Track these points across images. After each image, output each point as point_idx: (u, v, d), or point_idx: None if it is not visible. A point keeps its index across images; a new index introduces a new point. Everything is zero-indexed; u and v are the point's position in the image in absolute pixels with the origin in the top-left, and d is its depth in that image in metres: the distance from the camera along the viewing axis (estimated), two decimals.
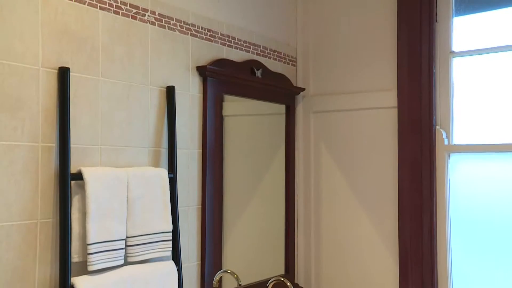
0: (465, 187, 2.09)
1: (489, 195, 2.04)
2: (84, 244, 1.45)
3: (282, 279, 2.07)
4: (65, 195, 1.42)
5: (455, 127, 2.10)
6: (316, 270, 2.39)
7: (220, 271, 2.00)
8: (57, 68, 1.44)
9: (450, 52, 2.10)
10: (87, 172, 1.46)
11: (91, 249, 1.43)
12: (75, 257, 1.44)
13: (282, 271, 2.33)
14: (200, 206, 1.91)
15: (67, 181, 1.42)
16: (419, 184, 2.11)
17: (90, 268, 1.43)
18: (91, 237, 1.43)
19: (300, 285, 2.40)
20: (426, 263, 2.10)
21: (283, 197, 2.36)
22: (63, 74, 1.44)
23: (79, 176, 1.45)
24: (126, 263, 1.56)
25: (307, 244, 2.41)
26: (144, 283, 1.56)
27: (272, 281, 2.09)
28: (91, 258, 1.43)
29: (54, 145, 1.44)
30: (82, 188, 1.46)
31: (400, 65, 2.15)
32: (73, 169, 1.46)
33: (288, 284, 2.04)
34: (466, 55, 2.09)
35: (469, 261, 2.09)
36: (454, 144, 2.10)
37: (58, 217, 1.43)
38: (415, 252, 2.11)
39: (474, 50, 2.07)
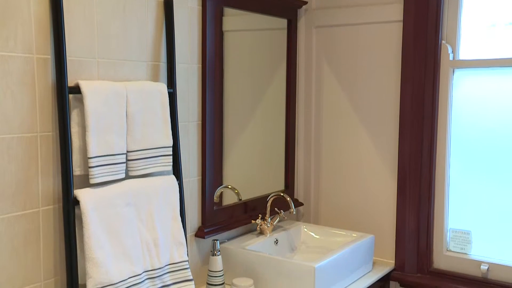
0: (468, 104, 2.07)
1: (491, 113, 2.03)
2: (85, 158, 1.45)
3: (282, 194, 2.11)
4: (64, 109, 1.40)
5: (462, 42, 2.05)
6: (315, 187, 2.43)
7: (220, 187, 2.03)
8: None
9: None
10: (85, 86, 1.43)
11: (92, 162, 1.44)
12: (76, 170, 1.45)
13: (282, 187, 2.37)
14: (200, 122, 1.90)
15: (64, 94, 1.40)
16: (421, 101, 2.09)
17: (92, 181, 1.44)
18: (92, 151, 1.43)
19: (300, 200, 2.45)
20: (424, 180, 2.13)
21: (284, 114, 2.35)
22: None
23: (76, 90, 1.43)
24: (128, 177, 1.58)
25: (307, 161, 2.43)
26: (146, 196, 1.58)
27: (272, 196, 2.14)
28: (93, 171, 1.44)
29: (49, 57, 1.40)
30: (81, 101, 1.44)
31: None
32: (71, 82, 1.43)
33: (288, 199, 2.08)
34: None
35: (466, 178, 2.11)
36: (460, 60, 2.05)
37: (58, 131, 1.42)
38: (414, 168, 2.13)
39: None
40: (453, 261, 2.11)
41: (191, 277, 1.67)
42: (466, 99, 2.07)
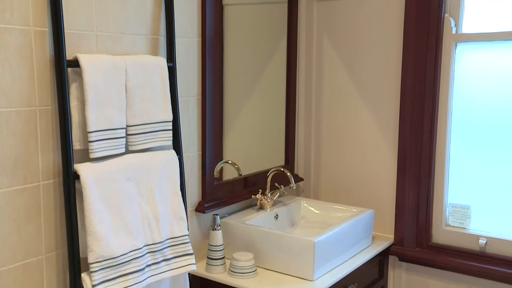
0: (470, 79, 2.05)
1: (493, 88, 2.01)
2: (85, 132, 1.45)
3: (282, 169, 2.12)
4: (62, 82, 1.39)
5: (465, 15, 2.02)
6: (315, 162, 2.43)
7: (220, 162, 2.03)
8: None
9: None
10: (83, 59, 1.41)
11: (92, 137, 1.43)
12: (76, 145, 1.45)
13: (282, 162, 2.37)
14: (200, 97, 1.89)
15: (63, 67, 1.39)
16: (422, 76, 2.07)
17: (92, 156, 1.44)
18: (91, 125, 1.43)
19: (300, 176, 2.45)
20: (425, 155, 2.13)
21: (284, 89, 2.34)
22: None
23: (75, 63, 1.41)
24: (128, 151, 1.57)
25: (307, 136, 2.43)
26: (146, 170, 1.58)
27: (272, 172, 2.14)
28: (92, 145, 1.43)
29: (47, 29, 1.38)
30: (79, 75, 1.43)
31: None
32: (69, 55, 1.42)
33: (288, 174, 2.08)
34: None
35: (466, 153, 2.11)
36: (462, 33, 2.03)
37: (57, 105, 1.41)
38: (414, 144, 2.13)
39: None
40: (451, 236, 2.12)
41: (191, 251, 1.68)
42: (468, 74, 2.05)
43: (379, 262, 2.19)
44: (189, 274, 1.71)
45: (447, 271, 2.11)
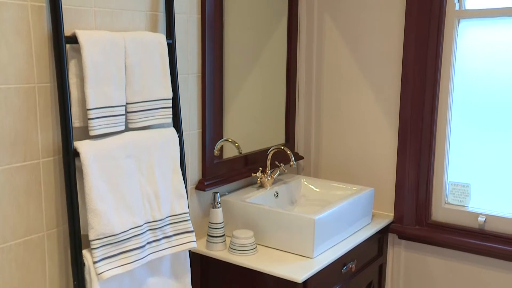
0: (472, 56, 2.04)
1: (495, 65, 2.00)
2: (84, 110, 1.44)
3: (282, 147, 2.11)
4: (61, 59, 1.38)
5: None
6: (316, 140, 2.43)
7: (221, 140, 2.02)
8: None
9: None
10: (82, 35, 1.40)
11: (91, 114, 1.42)
12: (76, 122, 1.44)
13: (282, 140, 2.36)
14: (200, 74, 1.88)
15: (61, 44, 1.37)
16: (424, 53, 2.06)
17: (92, 133, 1.43)
18: (91, 102, 1.42)
19: (300, 154, 2.45)
20: (425, 133, 2.12)
21: (285, 67, 2.32)
22: None
23: (73, 40, 1.40)
24: (127, 129, 1.57)
25: (308, 115, 2.42)
26: (146, 148, 1.58)
27: (272, 150, 2.13)
28: (92, 123, 1.43)
29: (44, 4, 1.36)
30: (78, 52, 1.41)
31: None
32: (67, 32, 1.40)
33: (288, 152, 2.07)
34: None
35: (467, 131, 2.10)
36: (466, 10, 2.00)
37: (56, 82, 1.40)
38: (415, 122, 2.12)
39: None
40: (451, 214, 2.13)
41: (192, 229, 1.69)
42: (471, 51, 2.04)
43: (379, 239, 2.21)
44: (189, 251, 1.72)
45: (446, 248, 2.12)
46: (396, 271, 2.27)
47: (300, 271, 1.68)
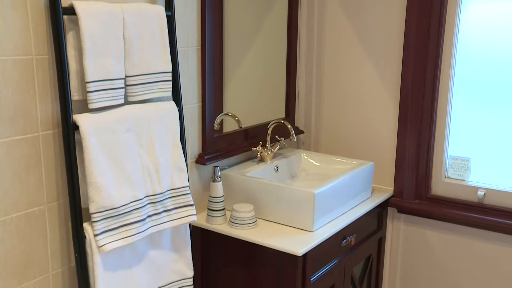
0: (474, 30, 2.01)
1: (498, 39, 1.98)
2: (83, 82, 1.42)
3: (282, 121, 2.10)
4: (58, 31, 1.36)
5: None
6: (316, 114, 2.42)
7: (221, 114, 2.01)
8: None
9: None
10: (79, 6, 1.38)
11: (90, 87, 1.41)
12: (75, 95, 1.43)
13: (282, 115, 2.35)
14: (200, 47, 1.86)
15: (58, 15, 1.35)
16: (426, 27, 2.03)
17: (91, 106, 1.42)
18: (89, 75, 1.40)
19: (300, 128, 2.45)
20: (426, 107, 2.11)
21: (285, 40, 2.29)
22: None
23: (71, 11, 1.38)
24: (127, 102, 1.55)
25: (308, 89, 2.41)
26: (146, 121, 1.57)
27: (272, 124, 2.13)
28: (91, 96, 1.42)
29: None
30: (76, 23, 1.39)
31: None
32: (64, 3, 1.38)
33: (289, 126, 2.07)
34: None
35: (468, 105, 2.09)
36: None
37: (54, 54, 1.39)
38: (416, 96, 2.11)
39: None
40: (450, 188, 2.14)
41: (192, 202, 1.69)
42: (473, 25, 2.01)
43: (378, 214, 2.22)
44: (190, 225, 1.73)
45: (445, 222, 2.14)
46: (395, 244, 2.29)
47: (300, 244, 1.69)
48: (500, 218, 2.00)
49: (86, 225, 1.45)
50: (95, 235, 1.43)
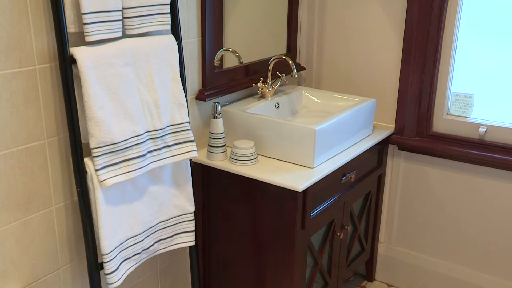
0: None
1: None
2: (79, 14, 1.38)
3: (284, 57, 2.06)
4: None
5: None
6: (318, 50, 2.37)
7: (221, 49, 1.97)
8: None
9: None
10: None
11: (86, 18, 1.37)
12: (71, 27, 1.38)
13: (284, 50, 2.31)
14: None
15: None
16: None
17: (87, 39, 1.38)
18: (85, 6, 1.35)
19: (302, 64, 2.40)
20: (431, 43, 2.07)
21: None
22: None
23: None
24: (125, 36, 1.51)
25: (311, 24, 2.34)
26: (144, 55, 1.53)
27: (273, 60, 2.09)
28: (88, 28, 1.37)
29: None
30: None
31: None
32: None
33: (290, 62, 2.03)
34: None
35: (474, 41, 2.05)
36: None
37: None
38: (421, 31, 2.06)
39: None
40: (452, 124, 2.13)
41: (192, 138, 1.68)
42: None
43: (379, 151, 2.22)
44: (190, 160, 1.73)
45: (446, 159, 2.14)
46: (394, 181, 2.30)
47: (300, 180, 1.70)
48: (501, 154, 2.00)
49: (87, 160, 1.45)
50: (96, 170, 1.43)
